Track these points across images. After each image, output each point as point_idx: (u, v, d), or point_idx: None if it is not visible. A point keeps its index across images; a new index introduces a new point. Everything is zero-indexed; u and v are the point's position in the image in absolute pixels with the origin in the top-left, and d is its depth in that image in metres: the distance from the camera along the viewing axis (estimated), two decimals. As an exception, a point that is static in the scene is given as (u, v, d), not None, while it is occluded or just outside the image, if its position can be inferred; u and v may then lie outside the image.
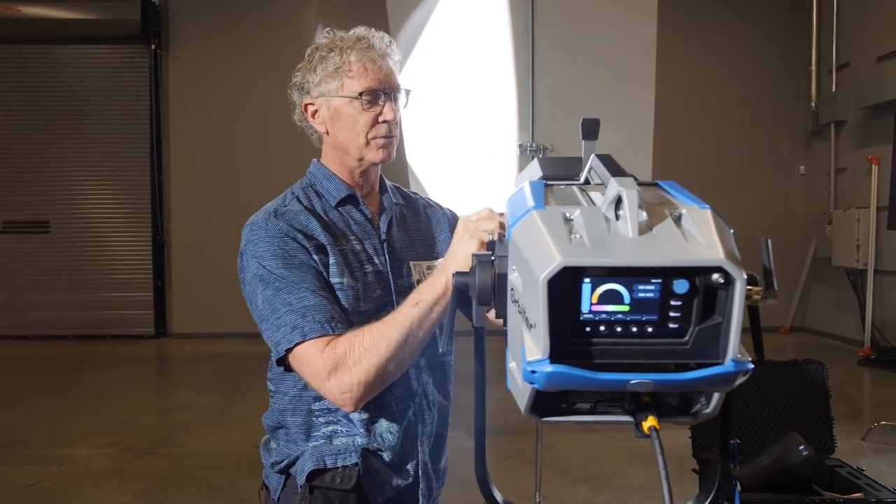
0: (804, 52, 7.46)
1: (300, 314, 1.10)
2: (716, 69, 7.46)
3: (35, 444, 4.02)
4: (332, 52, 1.22)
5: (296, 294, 1.11)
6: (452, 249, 1.01)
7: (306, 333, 1.08)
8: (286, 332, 1.09)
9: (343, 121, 1.23)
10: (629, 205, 0.59)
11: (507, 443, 3.75)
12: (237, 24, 7.33)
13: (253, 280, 1.16)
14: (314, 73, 1.23)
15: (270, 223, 1.18)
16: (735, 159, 7.57)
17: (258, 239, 1.17)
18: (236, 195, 7.33)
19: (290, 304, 1.11)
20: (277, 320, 1.11)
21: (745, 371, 0.58)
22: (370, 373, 1.04)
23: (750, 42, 7.52)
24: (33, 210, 7.59)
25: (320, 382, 1.07)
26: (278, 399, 1.27)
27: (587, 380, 0.57)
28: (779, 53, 7.56)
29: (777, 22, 7.54)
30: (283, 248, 1.15)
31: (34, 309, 7.44)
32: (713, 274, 0.56)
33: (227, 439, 4.04)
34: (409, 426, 1.24)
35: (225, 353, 6.69)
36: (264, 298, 1.13)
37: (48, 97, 7.50)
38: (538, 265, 0.57)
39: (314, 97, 1.25)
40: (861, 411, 4.59)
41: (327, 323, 1.09)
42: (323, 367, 1.06)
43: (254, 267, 1.16)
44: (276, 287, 1.13)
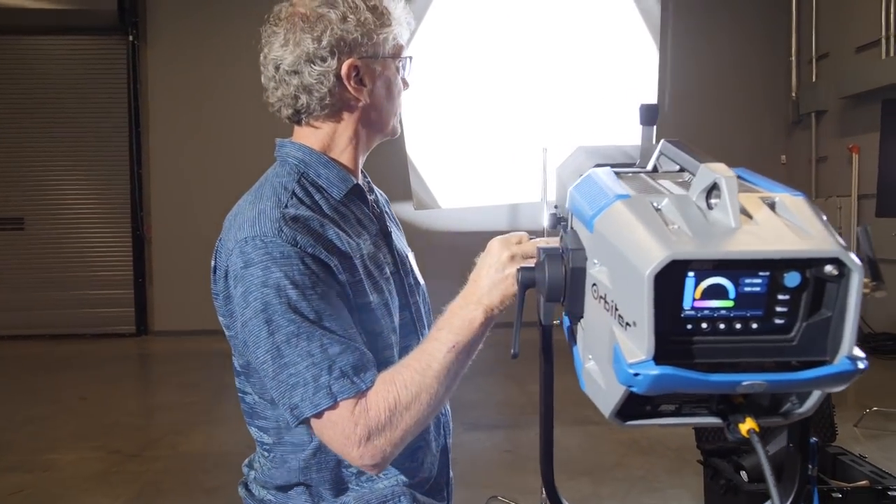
0: (784, 42, 7.52)
1: (325, 368, 0.88)
2: (696, 60, 7.49)
3: (18, 450, 3.90)
4: (376, 6, 1.02)
5: (316, 339, 0.88)
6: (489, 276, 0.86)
7: (336, 395, 0.87)
8: (307, 393, 0.88)
9: (391, 89, 1.05)
10: (729, 193, 0.55)
11: (505, 437, 3.72)
12: (217, 14, 7.16)
13: (254, 320, 0.90)
14: (360, 26, 1.00)
15: (284, 235, 0.91)
16: (717, 148, 7.55)
17: (269, 260, 0.90)
18: (218, 189, 7.18)
19: (311, 355, 0.88)
20: (292, 377, 0.88)
21: (861, 370, 0.54)
22: (407, 432, 0.89)
23: (730, 32, 7.57)
24: (7, 206, 7.37)
25: (345, 449, 0.89)
26: (287, 454, 1.02)
27: (697, 381, 0.53)
28: (759, 44, 7.62)
29: (757, 13, 7.60)
30: (303, 273, 0.90)
31: (9, 308, 7.24)
32: (826, 266, 0.53)
33: (217, 440, 3.96)
34: (442, 441, 1.13)
35: (208, 350, 6.54)
36: (271, 347, 0.89)
37: (22, 90, 7.27)
38: (640, 259, 0.53)
39: (357, 58, 1.00)
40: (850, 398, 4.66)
41: (356, 376, 0.89)
42: (353, 433, 0.87)
43: (259, 301, 0.89)
44: (290, 332, 0.88)
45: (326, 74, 0.99)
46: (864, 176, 6.28)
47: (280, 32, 1.01)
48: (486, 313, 0.87)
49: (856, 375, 0.55)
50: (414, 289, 1.13)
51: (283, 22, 1.01)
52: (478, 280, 0.88)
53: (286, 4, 1.04)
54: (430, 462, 1.09)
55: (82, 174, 7.43)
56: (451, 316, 0.90)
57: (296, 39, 0.99)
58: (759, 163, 7.72)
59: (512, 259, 0.86)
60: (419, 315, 1.13)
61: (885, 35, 6.05)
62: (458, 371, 0.90)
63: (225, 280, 0.97)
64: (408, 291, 1.10)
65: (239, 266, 0.91)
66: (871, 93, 6.08)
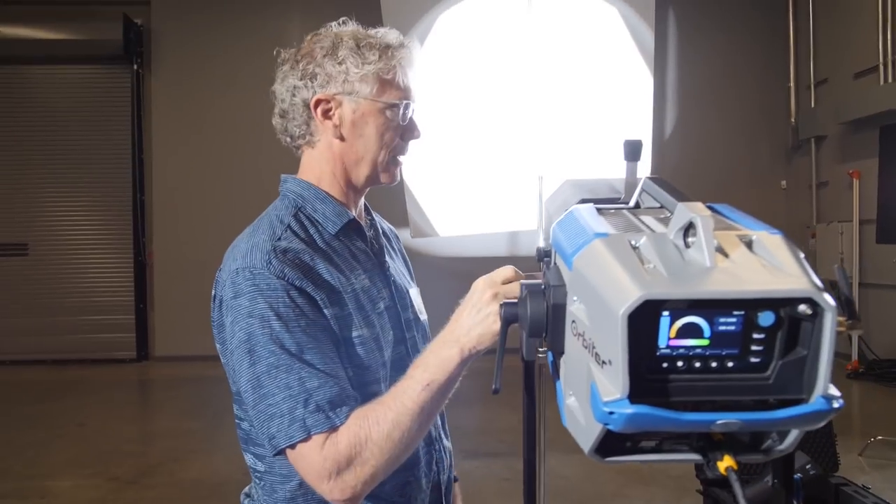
0: (783, 68, 7.60)
1: (300, 401, 0.89)
2: (695, 86, 7.56)
3: (15, 476, 3.87)
4: (367, 48, 1.04)
5: (295, 373, 0.90)
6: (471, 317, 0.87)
7: (310, 428, 0.88)
8: (282, 425, 0.90)
9: (368, 129, 1.05)
10: (704, 232, 0.56)
11: (504, 465, 3.69)
12: (220, 43, 7.28)
13: (239, 349, 0.92)
14: (339, 65, 1.03)
15: (272, 268, 0.93)
16: (717, 174, 7.65)
17: (255, 291, 0.92)
18: (219, 216, 7.23)
19: (289, 388, 0.90)
20: (270, 407, 0.90)
21: (837, 409, 0.54)
22: (378, 470, 0.90)
23: (728, 59, 7.65)
24: (11, 232, 7.41)
25: (316, 482, 0.90)
26: (277, 483, 1.03)
27: (672, 420, 0.53)
28: (757, 70, 7.69)
29: (755, 39, 7.68)
30: (287, 305, 0.92)
31: (12, 333, 7.24)
32: (800, 305, 0.53)
33: (214, 468, 3.93)
34: (434, 478, 1.12)
35: (208, 376, 6.53)
36: (252, 378, 0.91)
37: (28, 118, 7.37)
38: (614, 298, 0.53)
39: (332, 93, 1.03)
40: (855, 426, 4.61)
41: (332, 410, 0.90)
42: (322, 466, 0.88)
43: (243, 332, 0.92)
44: (271, 363, 0.90)
45: (297, 102, 1.06)
46: (865, 201, 6.30)
47: (282, 69, 1.10)
48: (462, 353, 0.88)
49: (831, 414, 0.55)
50: (412, 324, 1.13)
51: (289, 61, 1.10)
52: (458, 319, 0.89)
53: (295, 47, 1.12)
54: (421, 499, 1.08)
55: (86, 200, 7.49)
56: (429, 354, 0.91)
57: (287, 72, 1.08)
58: (760, 189, 7.75)
59: (494, 297, 0.86)
60: (416, 350, 1.12)
61: (883, 61, 6.11)
62: (433, 409, 0.91)
63: (219, 309, 0.99)
64: (404, 326, 1.11)
65: (229, 296, 0.95)
66: (870, 118, 6.12)
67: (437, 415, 0.96)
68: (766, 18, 7.67)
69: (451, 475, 1.20)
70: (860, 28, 6.46)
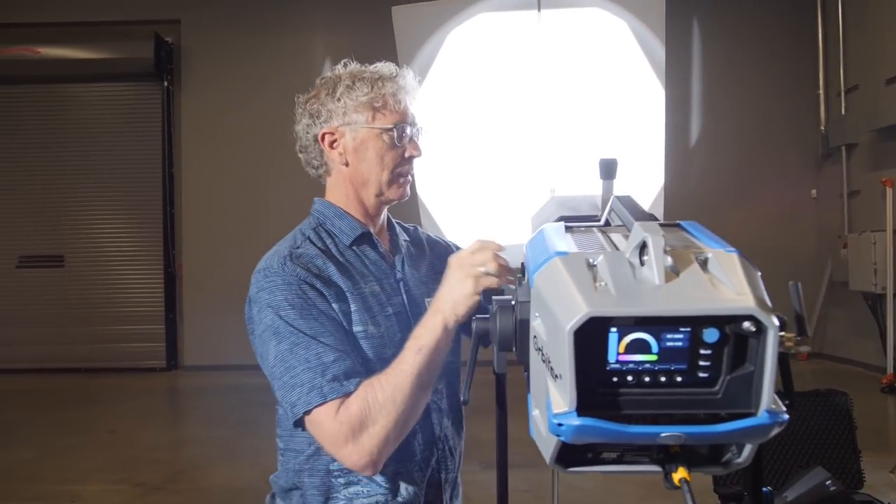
0: (812, 75, 7.47)
1: (318, 372, 1.02)
2: (724, 93, 7.48)
3: (47, 480, 3.99)
4: (360, 82, 1.18)
5: (313, 349, 1.04)
6: (445, 288, 1.00)
7: (326, 394, 1.01)
8: (302, 392, 1.02)
9: (368, 153, 1.19)
10: (655, 251, 0.58)
11: (522, 477, 3.68)
12: (247, 60, 7.46)
13: (265, 332, 1.08)
14: (337, 101, 1.18)
15: (287, 268, 1.10)
16: (745, 183, 7.55)
17: (273, 286, 1.09)
18: (247, 228, 7.38)
19: (308, 361, 1.03)
20: (292, 379, 1.04)
21: (781, 423, 0.56)
22: (389, 431, 1.00)
23: (756, 66, 7.55)
24: (49, 244, 7.66)
25: (337, 448, 1.01)
26: (290, 458, 1.18)
27: (617, 433, 0.55)
28: (786, 77, 7.58)
29: (783, 46, 7.58)
30: (300, 297, 1.08)
31: (47, 342, 7.47)
32: (744, 322, 0.55)
33: (237, 474, 3.99)
34: (432, 475, 1.19)
35: (235, 385, 6.66)
36: (277, 354, 1.06)
37: (64, 134, 7.63)
38: (563, 315, 0.56)
39: (334, 126, 1.19)
40: (887, 442, 4.48)
41: (346, 380, 1.02)
42: (339, 430, 1.00)
43: (268, 318, 1.08)
44: (292, 342, 1.05)
45: (309, 138, 1.22)
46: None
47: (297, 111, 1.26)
48: (445, 320, 1.00)
49: (774, 428, 0.56)
50: None
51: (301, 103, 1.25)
52: (438, 295, 1.03)
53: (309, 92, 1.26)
54: (412, 492, 1.15)
55: (119, 213, 7.71)
56: (419, 327, 1.04)
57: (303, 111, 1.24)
58: (790, 198, 7.62)
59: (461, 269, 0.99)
60: None
61: (914, 68, 5.97)
62: (428, 373, 1.01)
63: (248, 304, 1.15)
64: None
65: (254, 291, 1.12)
66: (903, 126, 5.98)
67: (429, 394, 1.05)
68: (794, 24, 7.56)
69: (457, 477, 1.25)
70: (891, 33, 6.33)
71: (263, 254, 1.18)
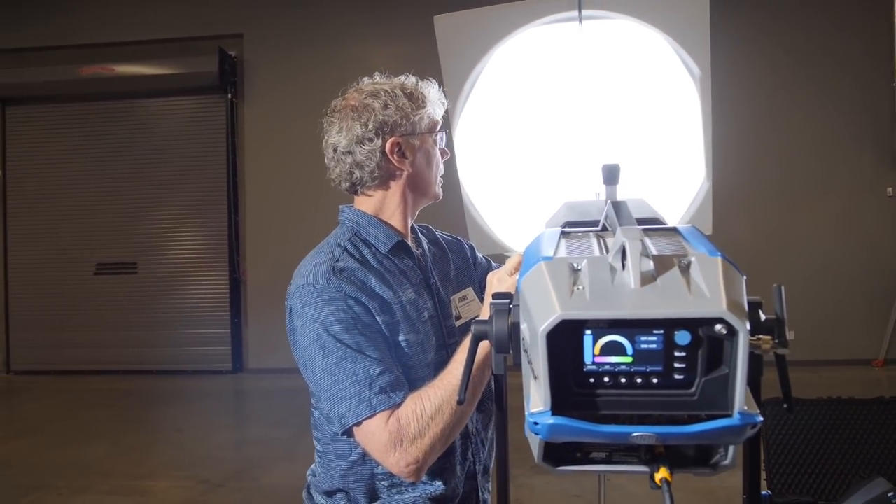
0: (886, 66, 7.10)
1: (366, 384, 1.06)
2: (792, 88, 7.21)
3: (120, 475, 4.23)
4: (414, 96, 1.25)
5: (360, 363, 1.07)
6: (487, 301, 1.05)
7: (375, 406, 1.05)
8: (352, 405, 1.06)
9: (429, 158, 1.26)
10: (632, 255, 0.60)
11: (572, 481, 3.66)
12: (306, 71, 7.69)
13: (311, 346, 1.12)
14: (399, 111, 1.22)
15: (332, 284, 1.13)
16: (815, 182, 7.24)
17: (319, 302, 1.12)
18: (307, 235, 7.56)
19: (356, 374, 1.07)
20: (340, 391, 1.07)
21: (753, 424, 0.56)
22: (435, 441, 1.03)
23: (826, 58, 7.24)
24: (123, 252, 8.09)
25: (384, 456, 1.05)
26: (332, 462, 1.22)
27: (589, 432, 0.58)
28: (858, 70, 7.23)
29: (855, 35, 7.23)
30: (346, 312, 1.11)
31: (122, 345, 7.88)
32: (716, 325, 0.56)
33: (295, 474, 4.07)
34: (469, 467, 1.24)
35: (296, 388, 6.81)
36: (325, 367, 1.09)
37: (137, 147, 8.04)
38: (539, 317, 0.58)
39: (403, 136, 1.22)
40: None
41: (393, 392, 1.06)
42: (388, 441, 1.04)
43: (313, 332, 1.11)
44: (339, 356, 1.08)
45: (374, 152, 1.22)
46: (981, 208, 5.77)
47: (335, 122, 1.26)
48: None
49: (747, 430, 0.57)
50: (453, 331, 1.26)
51: (338, 113, 1.26)
52: (485, 311, 1.07)
53: (339, 99, 1.28)
54: (455, 483, 1.20)
55: (187, 221, 8.06)
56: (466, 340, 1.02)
57: (347, 126, 1.24)
58: (863, 197, 7.25)
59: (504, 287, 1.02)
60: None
61: None
62: (477, 384, 1.04)
63: (290, 316, 1.19)
64: (445, 333, 1.23)
65: (299, 306, 1.15)
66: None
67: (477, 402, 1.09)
68: (867, 13, 7.21)
69: (489, 465, 1.30)
70: (971, 21, 5.96)
71: None
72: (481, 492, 1.27)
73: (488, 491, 1.31)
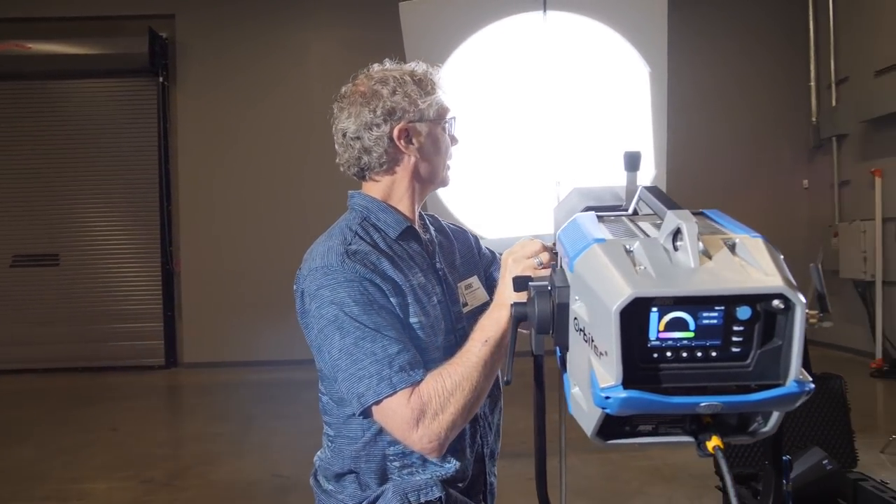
0: (803, 67, 7.56)
1: (385, 363, 1.07)
2: (715, 85, 7.56)
3: (54, 479, 4.02)
4: (423, 83, 1.25)
5: (379, 342, 1.09)
6: (503, 282, 1.05)
7: (396, 385, 1.06)
8: (371, 383, 1.07)
9: (438, 145, 1.27)
10: (689, 237, 0.63)
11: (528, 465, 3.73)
12: (243, 55, 7.46)
13: (328, 327, 1.12)
14: (407, 97, 1.22)
15: (346, 266, 1.14)
16: (738, 174, 7.64)
17: (335, 283, 1.13)
18: (244, 225, 7.39)
19: (374, 354, 1.08)
20: (359, 371, 1.08)
21: (808, 391, 0.61)
22: (456, 417, 1.05)
23: (748, 58, 7.64)
24: (43, 243, 7.64)
25: (406, 433, 1.06)
26: (343, 444, 1.23)
27: (660, 403, 0.60)
28: (778, 69, 7.66)
29: (775, 37, 7.67)
30: (362, 293, 1.12)
31: (44, 341, 7.46)
32: (774, 300, 0.60)
33: (245, 469, 4.03)
34: (477, 451, 1.27)
35: (236, 382, 6.70)
36: (342, 348, 1.10)
37: (57, 131, 7.60)
38: (608, 296, 0.60)
39: (411, 122, 1.23)
40: (878, 423, 4.58)
41: (412, 370, 1.08)
42: (410, 417, 1.05)
43: (330, 314, 1.11)
44: (357, 336, 1.09)
45: (382, 138, 1.23)
46: (887, 199, 6.25)
47: (345, 107, 1.25)
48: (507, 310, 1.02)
49: (802, 397, 0.61)
50: (461, 316, 1.29)
51: (347, 99, 1.25)
52: (501, 291, 1.07)
53: (349, 84, 1.27)
54: (465, 465, 1.23)
55: (114, 211, 7.70)
56: (484, 319, 1.09)
57: (356, 112, 1.23)
58: (782, 188, 7.72)
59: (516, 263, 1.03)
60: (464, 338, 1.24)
61: (904, 59, 6.06)
62: (494, 363, 1.06)
63: (302, 299, 1.19)
64: (453, 318, 1.26)
65: (313, 288, 1.15)
66: (891, 116, 6.07)
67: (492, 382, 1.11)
68: (786, 16, 7.64)
69: (496, 450, 1.33)
70: (882, 25, 6.41)
71: (261, 249, 1.24)
72: (489, 475, 1.30)
73: (494, 475, 1.34)
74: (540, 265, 1.02)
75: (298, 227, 6.96)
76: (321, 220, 1.56)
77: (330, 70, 7.40)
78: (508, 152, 2.47)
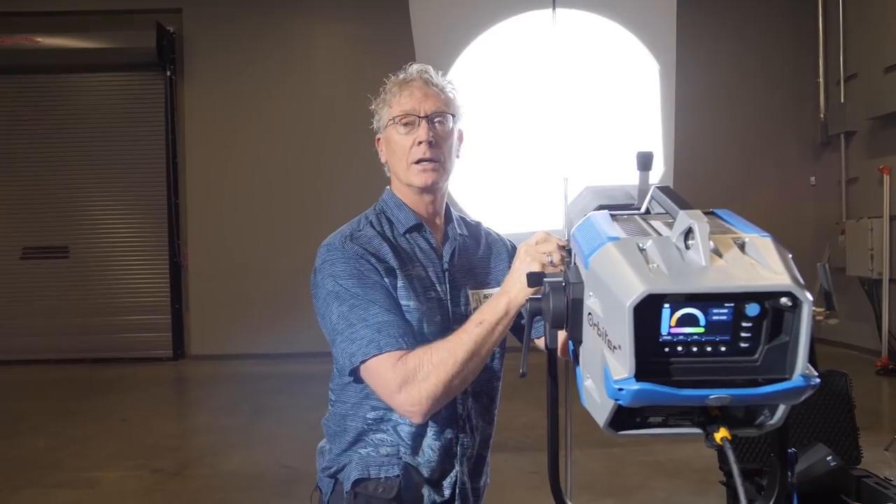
0: (812, 63, 7.54)
1: (376, 329, 1.17)
2: (723, 81, 7.55)
3: (65, 468, 4.08)
4: (387, 87, 1.36)
5: (371, 311, 1.19)
6: (514, 272, 1.08)
7: (382, 347, 1.15)
8: (362, 344, 1.17)
9: (392, 147, 1.34)
10: (701, 236, 0.65)
11: (530, 459, 3.77)
12: (250, 48, 7.48)
13: (328, 297, 1.24)
14: (377, 108, 1.37)
15: (346, 246, 1.27)
16: (745, 171, 7.63)
17: (334, 259, 1.26)
18: (251, 218, 7.43)
19: (366, 320, 1.18)
20: (353, 334, 1.18)
21: (814, 385, 0.63)
22: (438, 387, 1.11)
23: (757, 55, 7.62)
24: (53, 235, 7.71)
25: (391, 395, 1.15)
26: (339, 406, 1.34)
27: (670, 395, 0.63)
28: (786, 65, 7.65)
29: (783, 34, 7.64)
30: (357, 269, 1.23)
31: (54, 333, 7.54)
32: (782, 298, 0.62)
33: (253, 460, 4.09)
34: (449, 446, 1.30)
35: (243, 374, 6.76)
36: (339, 313, 1.21)
37: (67, 125, 7.65)
38: (622, 293, 0.63)
39: (379, 127, 1.37)
40: (883, 421, 4.60)
41: (401, 338, 1.16)
42: (394, 380, 1.13)
43: (329, 284, 1.24)
44: (351, 304, 1.20)
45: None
46: (895, 197, 6.24)
47: None
48: (508, 302, 1.10)
49: (808, 390, 0.64)
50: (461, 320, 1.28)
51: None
52: (508, 279, 1.12)
53: None
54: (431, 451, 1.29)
55: (123, 204, 7.75)
56: (484, 305, 1.16)
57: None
58: (789, 185, 7.71)
59: (528, 255, 1.07)
60: None
61: (912, 56, 6.04)
62: (484, 344, 1.11)
63: (313, 273, 1.30)
64: (451, 318, 1.31)
65: (319, 262, 1.28)
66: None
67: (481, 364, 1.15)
68: (795, 14, 7.62)
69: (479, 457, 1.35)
70: (891, 21, 6.39)
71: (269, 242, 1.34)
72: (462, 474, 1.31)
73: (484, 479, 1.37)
74: (551, 263, 1.05)
75: (305, 220, 7.00)
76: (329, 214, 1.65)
77: (337, 64, 7.42)
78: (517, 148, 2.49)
